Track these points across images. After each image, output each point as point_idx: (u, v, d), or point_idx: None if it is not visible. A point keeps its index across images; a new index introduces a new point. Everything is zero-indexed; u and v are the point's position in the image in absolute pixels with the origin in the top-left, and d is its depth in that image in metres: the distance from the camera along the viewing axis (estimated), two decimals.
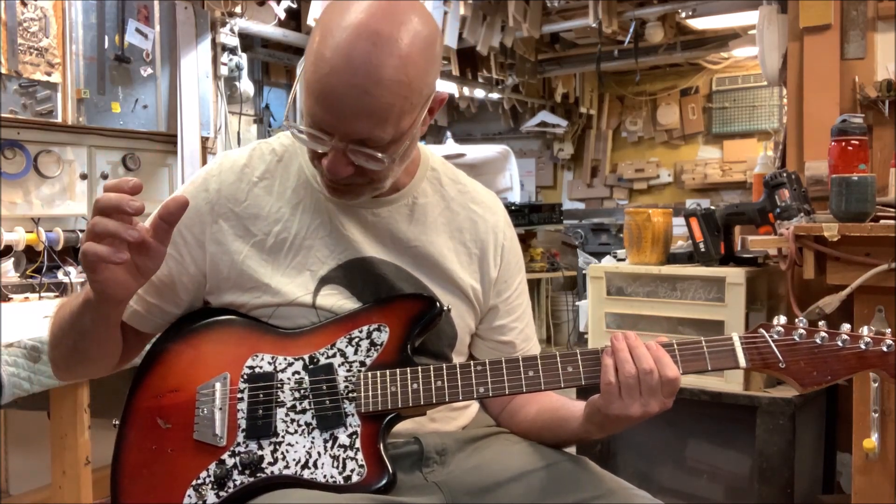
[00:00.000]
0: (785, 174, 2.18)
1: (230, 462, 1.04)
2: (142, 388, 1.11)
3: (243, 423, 1.06)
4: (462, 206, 1.21)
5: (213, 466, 1.04)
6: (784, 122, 3.07)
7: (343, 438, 1.03)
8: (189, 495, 1.03)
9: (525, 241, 5.26)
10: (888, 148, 2.39)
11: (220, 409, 1.06)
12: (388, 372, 1.05)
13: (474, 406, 1.25)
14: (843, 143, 2.15)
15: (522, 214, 5.16)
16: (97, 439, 1.94)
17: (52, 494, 1.98)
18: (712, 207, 2.38)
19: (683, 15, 4.77)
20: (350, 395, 1.05)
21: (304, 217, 1.13)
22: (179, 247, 1.13)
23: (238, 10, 3.47)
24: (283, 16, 3.81)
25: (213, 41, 3.35)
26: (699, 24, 4.92)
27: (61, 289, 2.61)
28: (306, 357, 1.08)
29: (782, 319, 1.04)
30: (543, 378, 1.03)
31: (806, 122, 2.50)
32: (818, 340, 1.02)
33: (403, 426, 1.11)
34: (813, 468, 2.37)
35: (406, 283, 1.14)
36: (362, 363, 1.07)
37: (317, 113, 0.98)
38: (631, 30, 4.94)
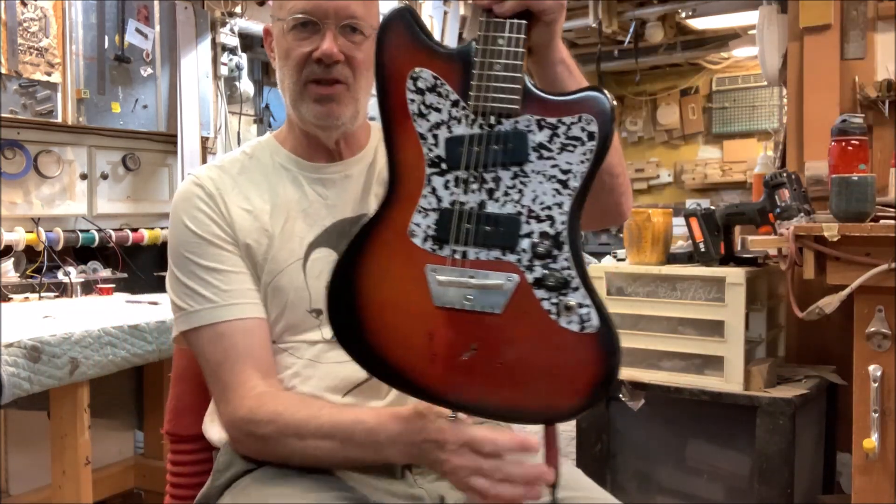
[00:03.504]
0: (785, 174, 2.18)
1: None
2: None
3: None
4: None
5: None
6: (784, 122, 3.07)
7: None
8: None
9: None
10: (888, 148, 2.39)
11: None
12: None
13: None
14: (843, 143, 2.15)
15: None
16: (97, 439, 1.94)
17: (52, 494, 1.98)
18: (712, 207, 2.38)
19: (683, 15, 4.77)
20: None
21: (286, 194, 1.19)
22: (224, 253, 1.15)
23: (238, 10, 3.47)
24: None
25: (213, 41, 3.35)
26: (699, 24, 4.93)
27: (61, 289, 2.61)
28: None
29: None
30: None
31: (806, 122, 2.50)
32: None
33: None
34: (813, 468, 2.37)
35: None
36: None
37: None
38: (631, 30, 4.95)
